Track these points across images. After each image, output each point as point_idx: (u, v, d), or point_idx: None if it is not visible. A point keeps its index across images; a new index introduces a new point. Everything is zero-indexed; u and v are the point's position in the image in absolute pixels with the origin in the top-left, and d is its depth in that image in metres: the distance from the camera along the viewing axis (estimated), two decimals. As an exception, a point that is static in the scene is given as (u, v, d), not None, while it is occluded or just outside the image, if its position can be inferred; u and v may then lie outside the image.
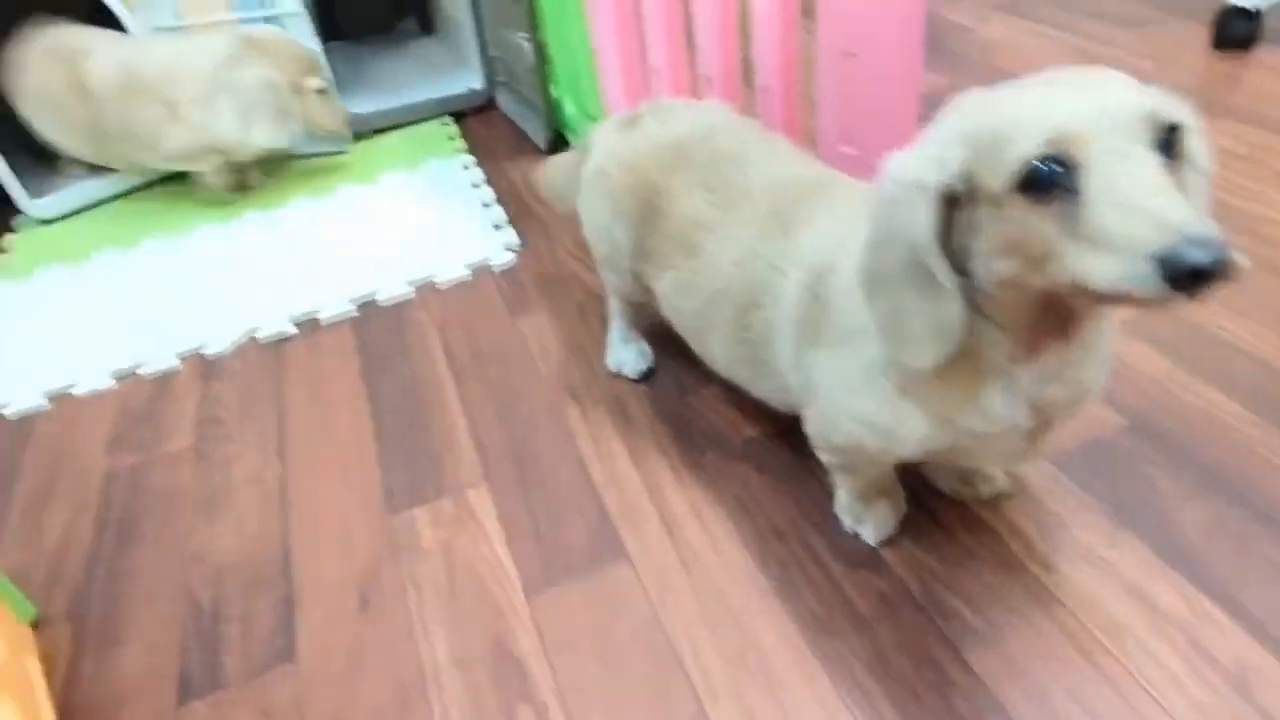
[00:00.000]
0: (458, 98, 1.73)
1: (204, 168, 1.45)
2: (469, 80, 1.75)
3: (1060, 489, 0.78)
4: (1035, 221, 0.46)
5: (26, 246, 1.48)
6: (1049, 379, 0.56)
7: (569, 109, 1.44)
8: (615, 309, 0.98)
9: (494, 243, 1.27)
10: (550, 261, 1.22)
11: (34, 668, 0.74)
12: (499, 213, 1.35)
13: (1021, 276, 0.49)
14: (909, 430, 0.60)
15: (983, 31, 1.72)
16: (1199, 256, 0.39)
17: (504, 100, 1.71)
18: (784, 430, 0.88)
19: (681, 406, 0.94)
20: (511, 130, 1.63)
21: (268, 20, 1.58)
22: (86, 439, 1.03)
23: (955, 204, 0.51)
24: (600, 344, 1.04)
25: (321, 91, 1.41)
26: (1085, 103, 0.45)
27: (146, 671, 0.76)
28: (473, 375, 1.03)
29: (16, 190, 1.49)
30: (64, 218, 1.55)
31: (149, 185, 1.61)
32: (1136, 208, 0.42)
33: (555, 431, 0.93)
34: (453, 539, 0.83)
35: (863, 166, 0.97)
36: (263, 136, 1.37)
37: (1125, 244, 0.42)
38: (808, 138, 1.31)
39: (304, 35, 1.51)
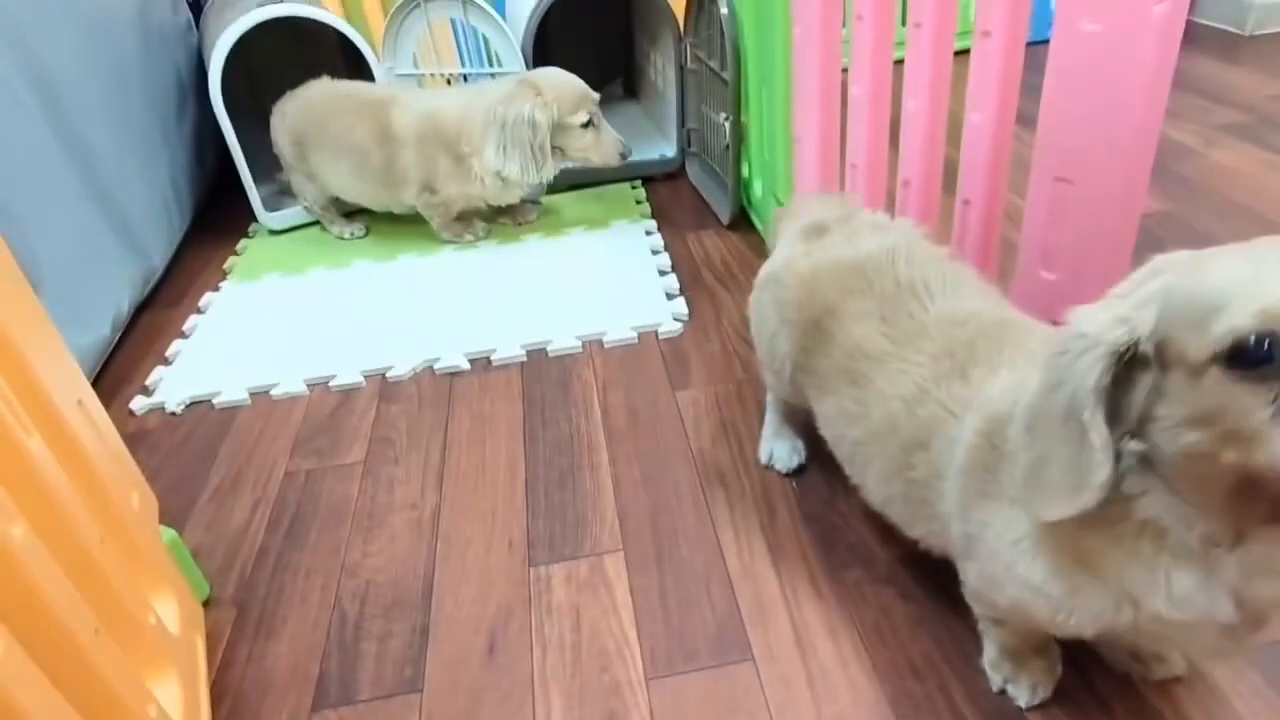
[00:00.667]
0: (650, 163, 1.80)
1: (451, 212, 1.58)
2: (663, 147, 1.82)
3: (1249, 688, 0.69)
4: (1237, 397, 0.43)
5: (257, 253, 1.66)
6: (1259, 571, 0.51)
7: (757, 189, 1.46)
8: (773, 401, 0.98)
9: (664, 311, 1.30)
10: (716, 338, 1.24)
11: (200, 645, 0.81)
12: (672, 281, 1.38)
13: (1213, 452, 0.45)
14: (1083, 604, 0.55)
15: (1211, 156, 1.60)
16: None
17: (693, 170, 1.76)
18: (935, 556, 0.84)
19: (829, 512, 0.91)
20: (696, 200, 1.67)
21: (492, 76, 1.71)
22: (275, 438, 1.14)
23: (1139, 365, 0.48)
24: (754, 431, 1.04)
25: (588, 125, 1.47)
26: None
27: (291, 670, 0.81)
28: (626, 440, 1.05)
29: (257, 202, 1.68)
30: (288, 231, 1.73)
31: (354, 214, 1.77)
32: None
33: (697, 513, 0.93)
34: (584, 603, 0.84)
35: (1062, 294, 0.92)
36: (514, 170, 1.45)
37: None
38: (1006, 254, 1.26)
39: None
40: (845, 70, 1.11)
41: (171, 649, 0.72)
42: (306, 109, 1.57)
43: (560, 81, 1.46)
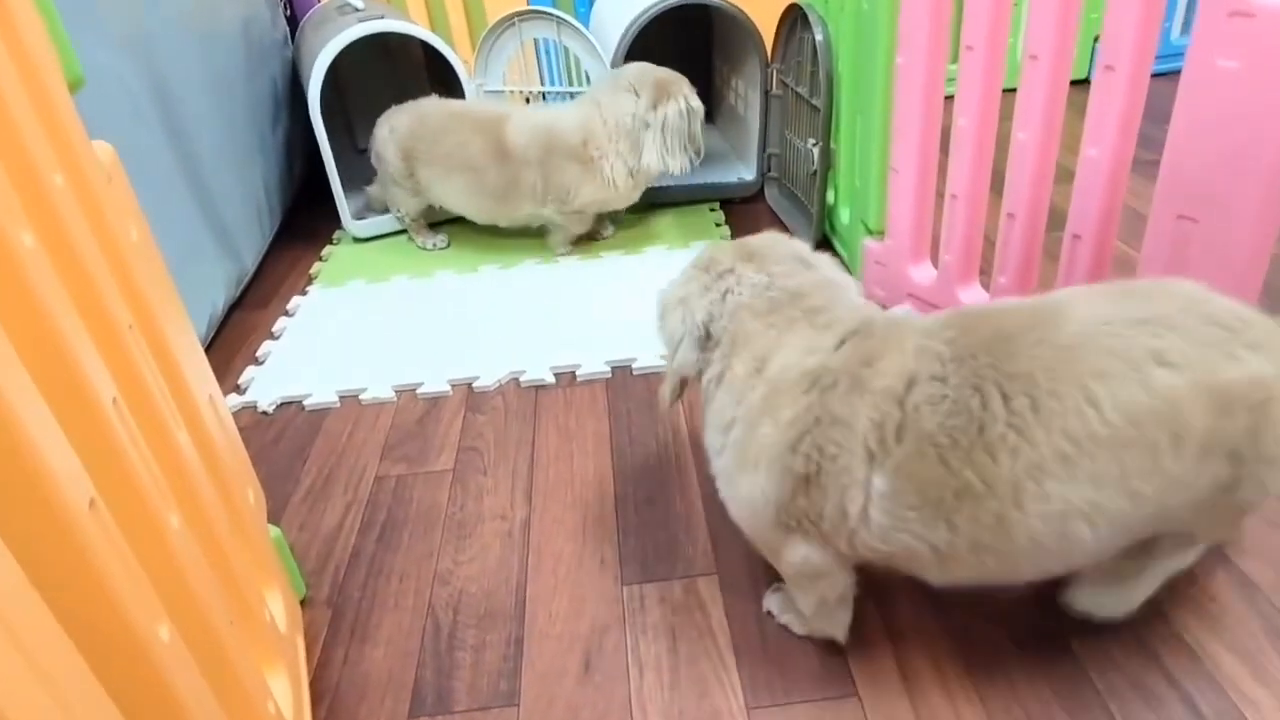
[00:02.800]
0: (728, 185, 1.80)
1: (580, 218, 1.61)
2: (741, 171, 1.83)
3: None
4: None
5: (342, 259, 1.70)
6: None
7: (844, 217, 1.46)
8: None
9: (749, 334, 1.30)
10: (803, 363, 1.23)
11: (301, 644, 0.82)
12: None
13: None
14: None
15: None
16: None
17: (772, 195, 1.76)
18: (1049, 595, 0.81)
19: (929, 546, 0.89)
20: (775, 225, 1.67)
21: (571, 96, 1.74)
22: (366, 441, 1.15)
23: None
24: (847, 459, 1.03)
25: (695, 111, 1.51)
26: None
27: (387, 675, 0.82)
28: (715, 462, 1.05)
29: (344, 209, 1.72)
30: (371, 239, 1.77)
31: (437, 224, 1.80)
32: None
33: (792, 539, 0.92)
34: (679, 625, 0.83)
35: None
36: (676, 164, 1.49)
37: None
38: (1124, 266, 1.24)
39: (608, 113, 1.65)
40: (948, 97, 1.10)
41: (281, 646, 0.72)
42: (419, 125, 1.58)
43: (661, 70, 1.49)
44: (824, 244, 1.54)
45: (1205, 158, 0.82)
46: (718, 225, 1.69)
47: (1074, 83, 1.02)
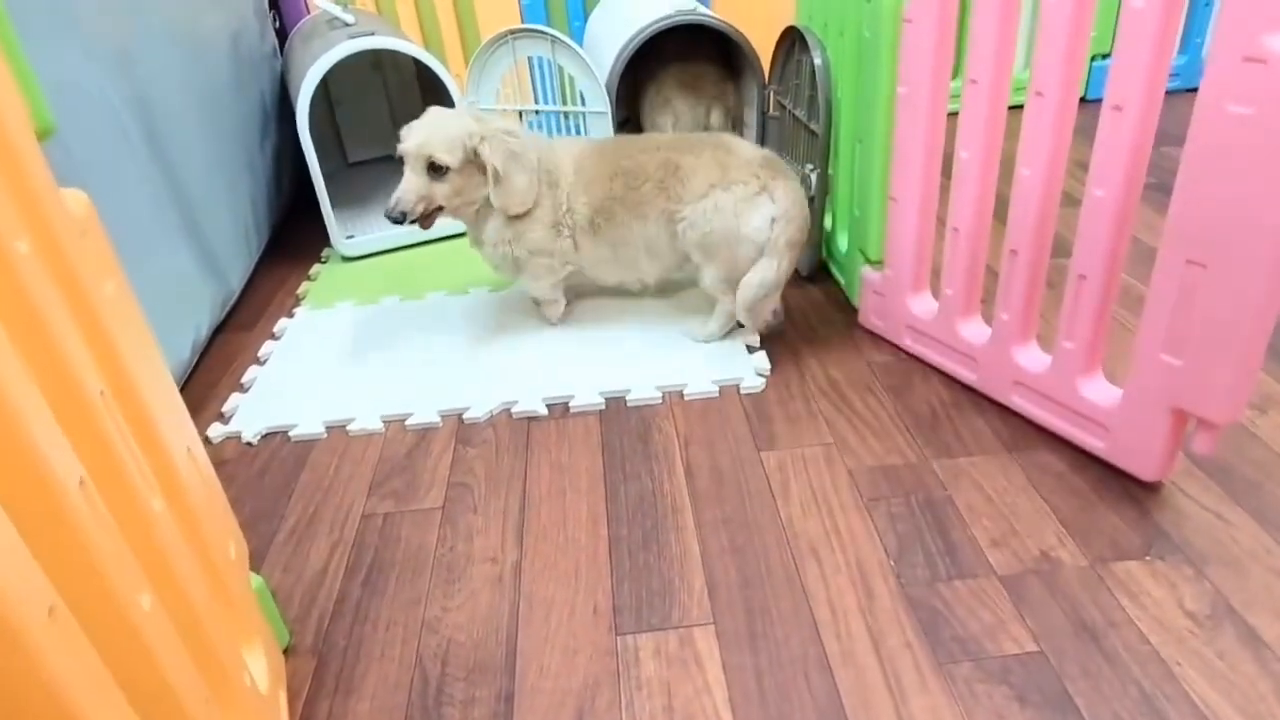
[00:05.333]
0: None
1: None
2: (737, 191, 1.80)
3: None
4: None
5: (330, 279, 1.67)
6: None
7: (841, 244, 1.44)
8: None
9: (745, 365, 1.27)
10: (800, 396, 1.20)
11: (283, 700, 0.79)
12: (752, 336, 1.36)
13: None
14: None
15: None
16: None
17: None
18: (1056, 653, 0.80)
19: (930, 595, 0.87)
20: (772, 248, 1.65)
21: (565, 115, 1.71)
22: (352, 476, 1.12)
23: None
24: (845, 500, 1.00)
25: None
26: None
27: (373, 732, 0.79)
28: (711, 502, 1.02)
29: (333, 228, 1.69)
30: (362, 258, 1.74)
31: (429, 243, 1.77)
32: None
33: (790, 587, 0.90)
34: (675, 680, 0.81)
35: (1186, 381, 0.88)
36: None
37: None
38: (1121, 334, 1.22)
39: (606, 132, 1.63)
40: (952, 113, 1.08)
41: (262, 709, 0.70)
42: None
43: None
44: (822, 271, 1.52)
45: (1216, 204, 0.80)
46: (713, 247, 1.67)
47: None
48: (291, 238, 1.83)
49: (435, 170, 1.23)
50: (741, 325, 1.32)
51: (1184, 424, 0.93)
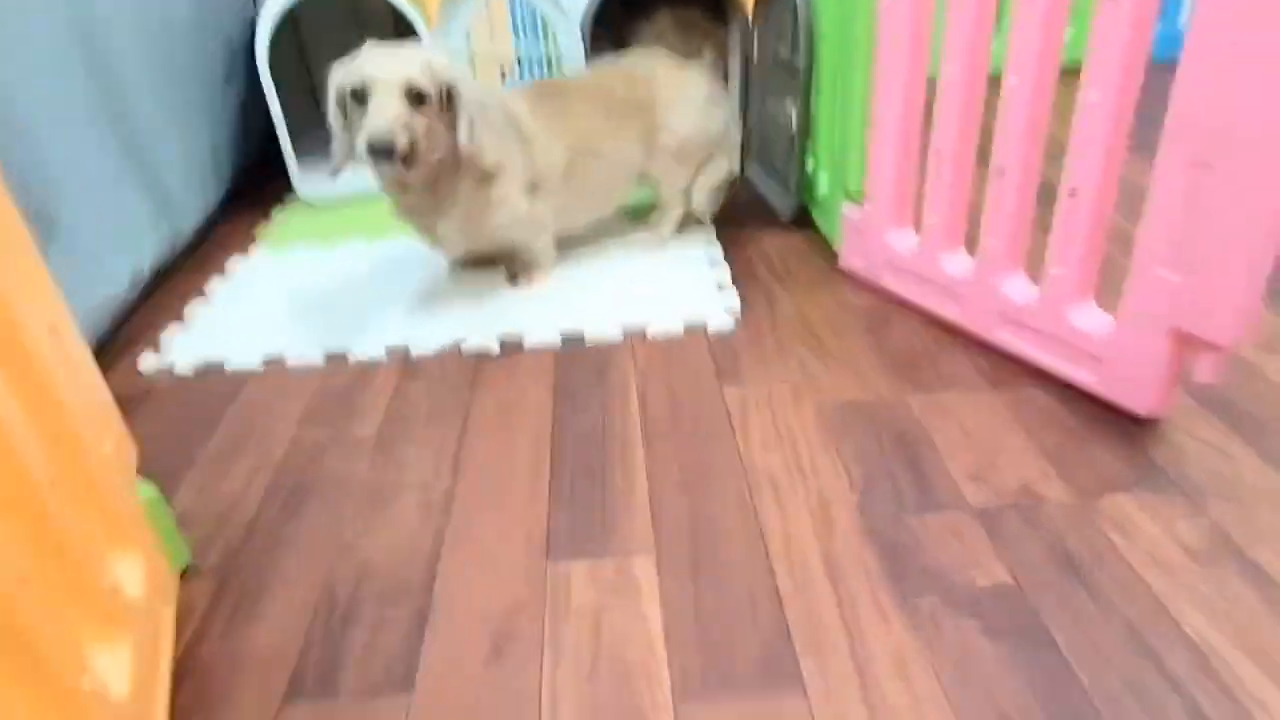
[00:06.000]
0: (707, 161, 1.70)
1: None
2: (722, 147, 1.73)
3: None
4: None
5: (289, 223, 1.59)
6: None
7: (823, 185, 1.36)
8: None
9: (714, 304, 1.19)
10: (771, 337, 1.12)
11: (168, 617, 0.71)
12: (724, 273, 1.28)
13: None
14: None
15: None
16: None
17: (752, 171, 1.66)
18: (1034, 586, 0.71)
19: (896, 529, 0.79)
20: (754, 201, 1.57)
21: (545, 60, 1.64)
22: (285, 406, 1.05)
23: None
24: (812, 437, 0.92)
25: None
26: None
27: (268, 653, 0.71)
28: (665, 437, 0.94)
29: (294, 171, 1.62)
30: (324, 204, 1.66)
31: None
32: None
33: (743, 519, 0.81)
34: (606, 606, 0.73)
35: (1188, 298, 0.80)
36: None
37: None
38: (1120, 251, 1.13)
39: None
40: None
41: (130, 617, 0.62)
42: None
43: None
44: (803, 215, 1.44)
45: (1221, 97, 0.72)
46: (692, 198, 1.59)
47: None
48: (257, 189, 1.76)
49: (415, 99, 1.04)
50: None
51: (1183, 350, 0.84)
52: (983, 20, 0.94)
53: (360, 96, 1.04)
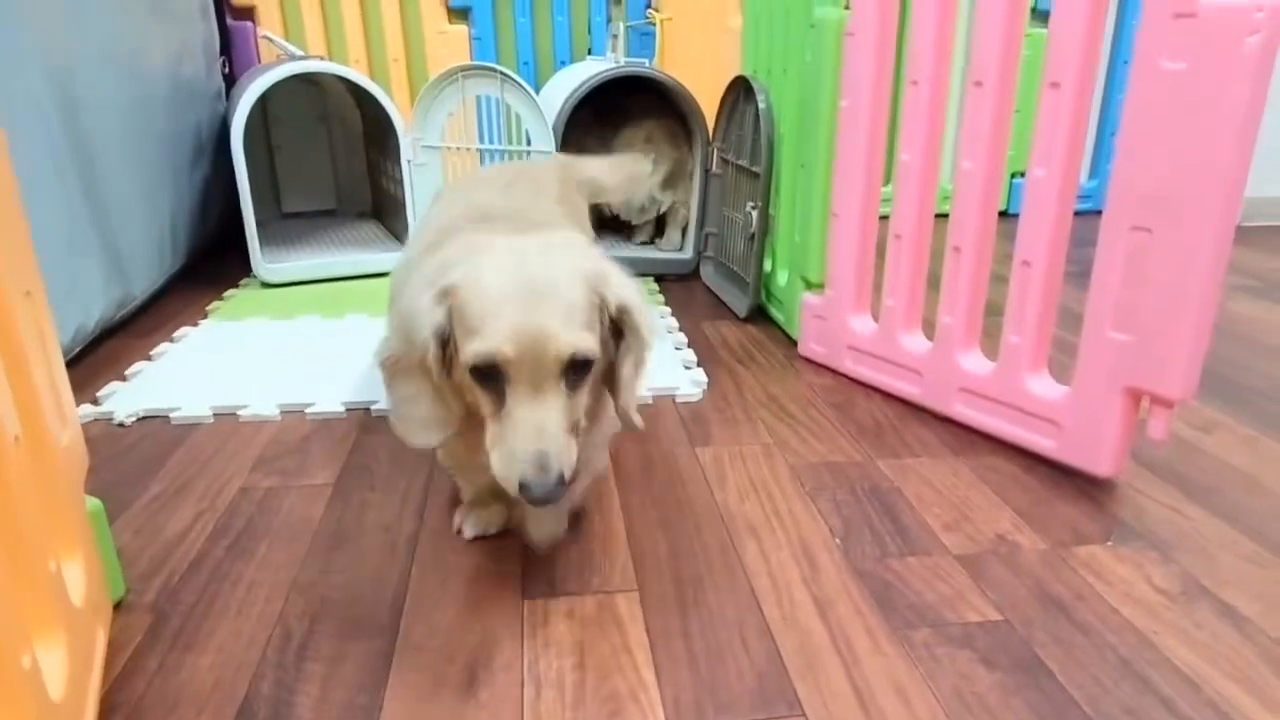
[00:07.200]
0: (664, 262, 1.77)
1: None
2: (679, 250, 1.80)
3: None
4: (478, 392, 0.66)
5: (245, 300, 1.57)
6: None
7: (780, 280, 1.42)
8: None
9: (683, 378, 1.21)
10: (739, 407, 1.13)
11: (99, 640, 0.64)
12: (690, 355, 1.30)
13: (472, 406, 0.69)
14: (466, 476, 0.85)
15: (1231, 309, 1.60)
16: None
17: (707, 272, 1.73)
18: (1023, 622, 0.70)
19: (881, 569, 0.78)
20: (710, 299, 1.63)
21: (510, 155, 1.70)
22: (235, 455, 0.99)
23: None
24: (787, 489, 0.92)
25: None
26: None
27: (212, 686, 0.63)
28: (640, 488, 0.92)
29: (256, 252, 1.61)
30: (283, 286, 1.64)
31: (357, 276, 1.70)
32: None
33: (725, 560, 0.79)
34: (590, 640, 0.68)
35: (1137, 358, 0.85)
36: None
37: None
38: (1069, 317, 1.20)
39: (547, 174, 1.62)
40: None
41: (69, 619, 0.55)
42: None
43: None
44: (760, 312, 1.49)
45: (1157, 165, 0.81)
46: (652, 293, 1.64)
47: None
48: (214, 270, 1.74)
49: (576, 371, 0.64)
50: None
51: (1136, 408, 0.89)
52: (937, 110, 1.04)
53: (488, 373, 0.63)
